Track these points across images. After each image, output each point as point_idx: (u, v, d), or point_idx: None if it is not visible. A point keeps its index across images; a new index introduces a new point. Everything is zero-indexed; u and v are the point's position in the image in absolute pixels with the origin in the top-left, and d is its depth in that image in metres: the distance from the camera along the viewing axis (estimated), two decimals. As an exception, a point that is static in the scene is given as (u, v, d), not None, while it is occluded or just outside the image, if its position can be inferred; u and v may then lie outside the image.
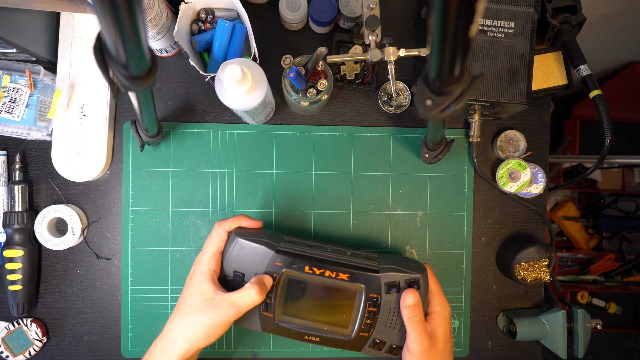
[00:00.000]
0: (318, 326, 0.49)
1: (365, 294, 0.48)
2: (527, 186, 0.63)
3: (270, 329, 0.50)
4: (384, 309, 0.49)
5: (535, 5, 0.53)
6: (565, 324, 0.60)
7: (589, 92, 0.57)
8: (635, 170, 1.58)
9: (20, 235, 0.58)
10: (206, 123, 0.62)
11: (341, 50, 0.61)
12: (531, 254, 0.60)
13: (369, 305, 0.48)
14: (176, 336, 0.46)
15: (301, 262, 0.48)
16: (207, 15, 0.55)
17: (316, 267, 0.48)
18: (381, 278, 0.48)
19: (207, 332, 0.45)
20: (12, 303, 0.58)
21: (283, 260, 0.48)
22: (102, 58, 0.33)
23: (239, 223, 0.51)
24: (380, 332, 0.49)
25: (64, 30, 0.58)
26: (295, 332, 0.49)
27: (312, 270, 0.48)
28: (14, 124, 0.56)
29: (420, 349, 0.47)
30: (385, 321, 0.49)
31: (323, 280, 0.48)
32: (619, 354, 1.65)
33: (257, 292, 0.46)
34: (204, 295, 0.46)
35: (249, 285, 0.47)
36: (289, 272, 0.48)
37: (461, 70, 0.32)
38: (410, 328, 0.47)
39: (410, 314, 0.47)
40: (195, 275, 0.48)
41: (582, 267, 1.57)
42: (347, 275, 0.48)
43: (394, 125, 0.64)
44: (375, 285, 0.48)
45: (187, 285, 0.48)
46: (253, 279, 0.47)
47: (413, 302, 0.47)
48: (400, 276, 0.48)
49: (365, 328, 0.49)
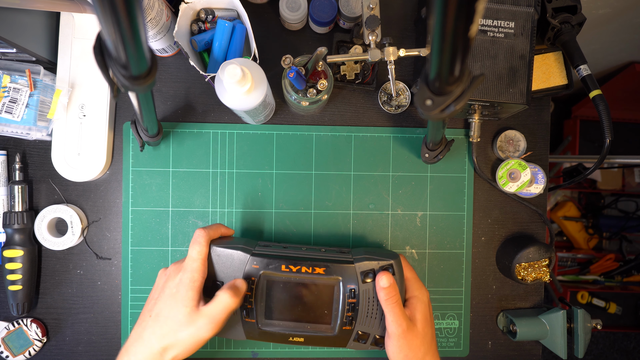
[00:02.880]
0: (301, 326, 0.50)
1: (342, 286, 0.49)
2: (527, 186, 0.63)
3: (254, 335, 0.50)
4: (363, 299, 0.49)
5: (535, 5, 0.53)
6: (565, 324, 0.60)
7: (589, 92, 0.57)
8: (635, 170, 1.58)
9: (20, 235, 0.58)
10: (206, 123, 0.62)
11: (341, 50, 0.61)
12: (531, 254, 0.60)
13: (348, 297, 0.49)
14: (154, 345, 0.44)
15: (277, 261, 0.49)
16: (207, 15, 0.55)
17: (292, 264, 0.49)
18: (356, 268, 0.49)
19: (187, 348, 0.44)
20: (12, 303, 0.58)
21: (260, 262, 0.49)
22: (102, 58, 0.33)
23: (221, 232, 0.51)
24: (363, 324, 0.50)
25: (64, 30, 0.58)
26: (279, 334, 0.50)
27: (288, 269, 0.49)
28: (14, 124, 0.56)
29: (399, 331, 0.47)
30: (366, 312, 0.49)
31: (300, 277, 0.49)
32: (619, 354, 1.65)
33: (230, 296, 0.44)
34: (187, 307, 0.44)
35: (220, 292, 0.46)
36: (266, 272, 0.49)
37: (461, 70, 0.32)
38: (388, 310, 0.47)
39: (385, 296, 0.47)
40: (182, 285, 0.45)
41: (582, 267, 1.57)
42: (323, 269, 0.49)
43: (394, 125, 0.64)
44: (351, 275, 0.49)
45: (170, 295, 0.45)
46: (224, 285, 0.47)
47: (387, 283, 0.47)
48: (374, 264, 0.49)
49: (347, 321, 0.49)
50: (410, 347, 0.47)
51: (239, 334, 0.50)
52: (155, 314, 0.45)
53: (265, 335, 0.50)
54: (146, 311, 0.47)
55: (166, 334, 0.44)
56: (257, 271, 0.49)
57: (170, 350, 0.44)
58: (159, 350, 0.44)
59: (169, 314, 0.44)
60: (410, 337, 0.47)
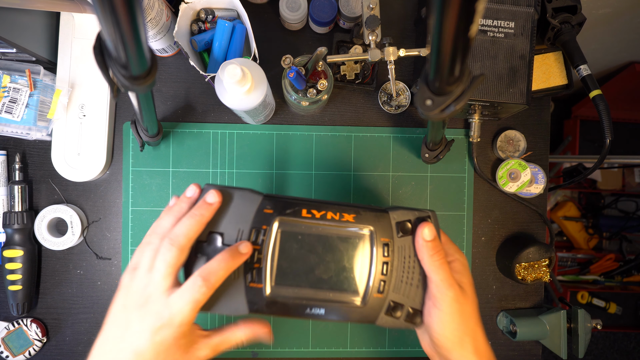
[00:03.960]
0: (322, 294, 0.39)
1: (376, 239, 0.40)
2: (527, 186, 0.63)
3: (260, 307, 0.38)
4: (399, 257, 0.40)
5: (535, 5, 0.53)
6: (565, 324, 0.60)
7: (589, 92, 0.57)
8: (635, 170, 1.58)
9: (20, 235, 0.58)
10: (206, 123, 0.62)
11: (341, 50, 0.61)
12: (531, 254, 0.60)
13: (381, 254, 0.39)
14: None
15: (297, 205, 0.39)
16: (207, 15, 0.55)
17: (315, 209, 0.39)
18: (391, 216, 0.40)
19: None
20: (12, 303, 0.58)
21: (274, 206, 0.38)
22: (102, 58, 0.33)
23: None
24: (397, 291, 0.40)
25: (64, 30, 0.58)
26: (293, 305, 0.38)
27: (311, 214, 0.39)
28: (14, 124, 0.56)
29: (450, 294, 0.38)
30: (402, 276, 0.40)
31: (325, 227, 0.39)
32: (619, 354, 1.65)
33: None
34: (186, 350, 0.36)
35: (240, 327, 0.38)
36: (283, 219, 0.38)
37: (461, 70, 0.32)
38: (433, 270, 0.38)
39: (430, 251, 0.38)
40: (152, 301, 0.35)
41: (582, 267, 1.57)
42: (352, 215, 0.39)
43: (394, 125, 0.64)
44: (385, 227, 0.40)
45: (144, 316, 0.35)
46: (243, 323, 0.38)
47: (431, 235, 0.39)
48: (410, 213, 0.40)
49: (379, 286, 0.39)
50: (462, 315, 0.38)
51: (239, 306, 0.38)
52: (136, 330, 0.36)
53: (275, 307, 0.38)
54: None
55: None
56: (270, 218, 0.38)
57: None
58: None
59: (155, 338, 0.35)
60: (462, 302, 0.38)
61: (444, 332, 0.38)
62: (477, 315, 0.40)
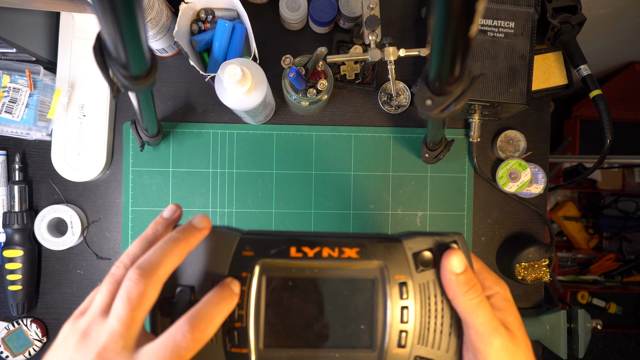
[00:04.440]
0: (324, 355, 0.31)
1: (388, 277, 0.31)
2: (527, 186, 0.63)
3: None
4: (421, 299, 0.31)
5: (535, 5, 0.53)
6: (565, 324, 0.60)
7: (589, 92, 0.57)
8: (635, 170, 1.58)
9: (20, 235, 0.58)
10: (206, 123, 0.62)
11: (341, 50, 0.61)
12: (531, 254, 0.60)
13: (397, 296, 0.31)
14: None
15: (284, 243, 0.31)
16: (207, 15, 0.55)
17: (307, 245, 0.31)
18: (405, 246, 0.31)
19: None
20: (12, 303, 0.58)
21: (255, 246, 0.31)
22: (102, 58, 0.33)
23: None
24: (424, 343, 0.31)
25: (64, 30, 0.58)
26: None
27: (302, 252, 0.31)
28: (14, 124, 0.56)
29: (497, 343, 0.29)
30: (428, 322, 0.31)
31: (322, 267, 0.31)
32: (619, 354, 1.65)
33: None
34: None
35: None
36: (267, 262, 0.30)
37: (461, 70, 0.32)
38: (470, 311, 0.29)
39: (464, 287, 0.29)
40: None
41: (582, 267, 1.57)
42: (355, 249, 0.31)
43: (394, 125, 0.64)
44: (400, 260, 0.31)
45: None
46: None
47: (462, 266, 0.30)
48: (430, 240, 0.32)
49: (399, 339, 0.31)
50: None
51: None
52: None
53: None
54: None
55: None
56: (250, 262, 0.30)
57: None
58: None
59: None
60: (513, 352, 0.29)
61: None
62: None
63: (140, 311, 0.25)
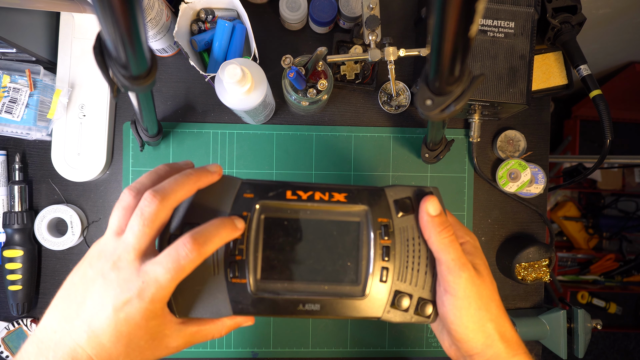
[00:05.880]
0: (315, 288, 0.34)
1: (372, 220, 0.35)
2: (527, 186, 0.63)
3: (245, 306, 0.33)
4: (401, 240, 0.35)
5: (535, 5, 0.53)
6: (565, 324, 0.60)
7: (589, 92, 0.57)
8: (635, 170, 1.58)
9: (20, 235, 0.58)
10: (206, 123, 0.62)
11: (341, 50, 0.61)
12: (531, 254, 0.60)
13: (380, 236, 0.35)
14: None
15: (280, 187, 0.35)
16: (207, 15, 0.55)
17: (301, 189, 0.35)
18: (387, 194, 0.36)
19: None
20: (12, 303, 0.58)
21: (255, 190, 0.34)
22: (102, 58, 0.33)
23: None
24: (403, 279, 0.35)
25: (64, 30, 0.58)
26: (283, 302, 0.33)
27: (296, 195, 0.34)
28: (14, 124, 0.56)
29: (464, 275, 0.32)
30: (406, 261, 0.35)
31: (314, 209, 0.35)
32: (619, 354, 1.65)
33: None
34: (155, 336, 0.29)
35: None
36: (265, 203, 0.34)
37: (461, 70, 0.32)
38: (443, 248, 0.33)
39: (438, 227, 0.33)
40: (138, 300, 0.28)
41: (582, 267, 1.57)
42: (344, 194, 0.35)
43: (394, 125, 0.64)
44: (382, 205, 0.35)
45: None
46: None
47: (437, 210, 0.34)
48: (409, 190, 0.36)
49: (381, 274, 0.35)
50: (481, 298, 0.33)
51: (221, 306, 0.33)
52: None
53: (262, 304, 0.33)
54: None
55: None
56: (251, 203, 0.34)
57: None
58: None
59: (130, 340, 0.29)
60: (479, 284, 0.33)
61: (461, 321, 0.32)
62: (498, 298, 0.35)
63: (151, 227, 0.29)
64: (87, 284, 0.28)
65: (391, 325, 0.63)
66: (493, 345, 0.33)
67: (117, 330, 0.27)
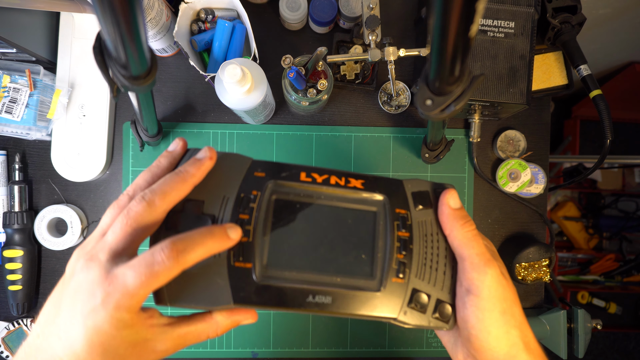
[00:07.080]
0: (327, 279, 0.31)
1: (389, 209, 0.32)
2: (527, 186, 0.63)
3: (247, 294, 0.29)
4: (419, 234, 0.32)
5: (535, 5, 0.53)
6: (565, 324, 0.60)
7: (589, 92, 0.57)
8: (635, 170, 1.58)
9: (20, 235, 0.58)
10: (206, 123, 0.62)
11: (341, 50, 0.61)
12: (531, 254, 0.60)
13: (397, 228, 0.32)
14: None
15: (294, 168, 0.32)
16: (207, 15, 0.55)
17: (317, 172, 0.32)
18: (405, 186, 0.33)
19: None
20: (12, 303, 0.58)
21: (267, 168, 0.31)
22: (102, 58, 0.33)
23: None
24: (420, 277, 0.32)
25: (64, 30, 0.58)
26: (291, 292, 0.30)
27: (311, 177, 0.32)
28: (14, 124, 0.56)
29: (491, 272, 0.29)
30: (424, 258, 0.32)
31: (329, 193, 0.32)
32: (619, 354, 1.65)
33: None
34: (135, 343, 0.26)
35: (217, 313, 0.29)
36: (277, 183, 0.31)
37: (461, 70, 0.32)
38: (466, 242, 0.30)
39: (461, 220, 0.31)
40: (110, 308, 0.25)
41: (582, 267, 1.57)
42: (360, 181, 0.32)
43: (394, 125, 0.64)
44: (400, 196, 0.33)
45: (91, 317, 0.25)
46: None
47: (459, 204, 0.32)
48: (428, 184, 0.34)
49: (398, 269, 0.31)
50: (506, 300, 0.29)
51: (220, 293, 0.29)
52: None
53: (268, 293, 0.29)
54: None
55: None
56: (261, 182, 0.31)
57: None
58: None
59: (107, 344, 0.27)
60: (504, 285, 0.30)
61: (484, 325, 0.29)
62: (519, 304, 0.31)
63: (134, 228, 0.27)
64: (65, 286, 0.27)
65: (391, 325, 0.63)
66: (517, 356, 0.29)
67: (89, 339, 0.25)
